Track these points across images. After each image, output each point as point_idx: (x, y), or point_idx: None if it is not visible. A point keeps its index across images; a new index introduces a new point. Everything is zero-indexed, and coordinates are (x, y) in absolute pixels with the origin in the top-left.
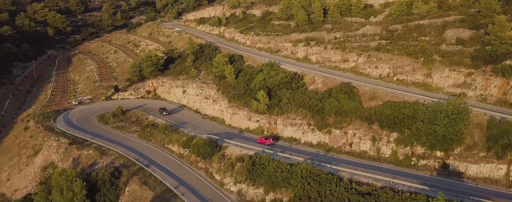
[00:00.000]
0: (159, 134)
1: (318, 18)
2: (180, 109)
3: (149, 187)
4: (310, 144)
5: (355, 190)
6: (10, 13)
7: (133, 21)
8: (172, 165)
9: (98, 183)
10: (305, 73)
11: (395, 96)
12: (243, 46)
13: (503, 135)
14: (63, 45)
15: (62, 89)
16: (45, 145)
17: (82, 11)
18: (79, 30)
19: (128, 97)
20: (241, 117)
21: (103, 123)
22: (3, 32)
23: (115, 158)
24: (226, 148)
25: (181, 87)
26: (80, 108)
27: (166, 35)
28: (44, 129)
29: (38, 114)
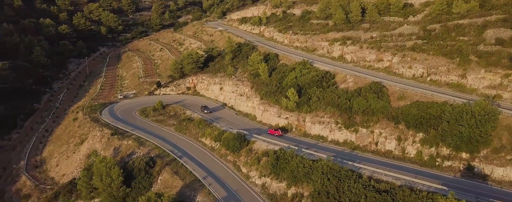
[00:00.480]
0: (193, 128)
1: (356, 17)
2: (221, 107)
3: (180, 177)
4: (336, 142)
5: (373, 187)
6: (68, 13)
7: (180, 20)
8: (203, 157)
9: (134, 171)
10: (337, 72)
11: (425, 97)
12: (281, 45)
13: None
14: (115, 43)
15: (110, 84)
16: (90, 135)
17: (133, 11)
18: (130, 29)
19: (169, 93)
20: (271, 113)
21: (143, 116)
22: (61, 30)
23: (151, 148)
24: (253, 142)
25: (219, 84)
26: (124, 102)
27: (209, 34)
28: (91, 120)
29: (87, 106)
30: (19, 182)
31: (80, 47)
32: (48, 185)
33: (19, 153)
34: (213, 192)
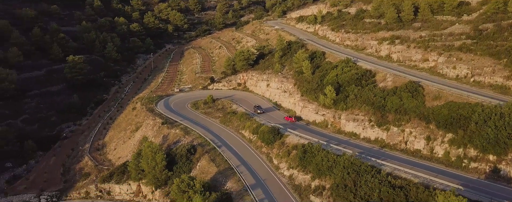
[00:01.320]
0: (236, 120)
1: (407, 16)
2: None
3: (215, 164)
4: (368, 139)
5: (388, 183)
6: (140, 12)
7: (242, 19)
8: (240, 147)
9: (177, 157)
10: (378, 70)
11: (460, 97)
12: (332, 43)
13: None
14: (180, 41)
15: (170, 78)
16: (144, 123)
17: (199, 10)
18: (195, 27)
19: (222, 88)
20: (309, 110)
21: (194, 108)
22: (132, 28)
23: (195, 137)
24: (286, 136)
25: (266, 81)
26: (179, 95)
27: (266, 32)
28: (146, 110)
29: (145, 98)
30: (82, 161)
31: (148, 44)
32: (105, 166)
33: (86, 137)
34: (243, 179)
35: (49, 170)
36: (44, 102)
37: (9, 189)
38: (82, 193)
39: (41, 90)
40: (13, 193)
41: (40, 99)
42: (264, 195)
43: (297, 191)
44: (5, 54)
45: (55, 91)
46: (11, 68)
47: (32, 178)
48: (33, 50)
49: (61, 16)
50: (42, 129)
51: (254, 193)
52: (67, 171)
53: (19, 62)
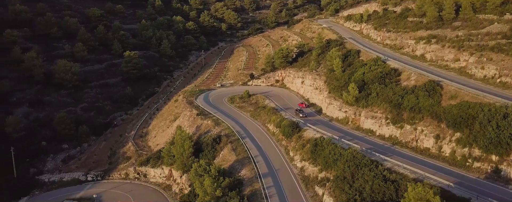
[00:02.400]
0: (264, 115)
1: (448, 15)
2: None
3: (235, 153)
4: (382, 137)
5: (383, 176)
6: (197, 11)
7: (295, 18)
8: (263, 140)
9: (203, 145)
10: (404, 69)
11: (475, 97)
12: (373, 42)
13: None
14: (232, 39)
15: (216, 74)
16: (182, 114)
17: (254, 9)
18: (248, 26)
19: (260, 84)
20: (334, 106)
21: (230, 102)
22: (188, 26)
23: (223, 128)
24: (304, 130)
25: (301, 78)
26: (220, 90)
27: (312, 31)
28: (186, 102)
29: (188, 91)
30: (126, 146)
31: (202, 41)
32: (144, 151)
33: (133, 125)
34: (256, 168)
35: (98, 153)
36: (101, 92)
37: (63, 167)
38: (122, 174)
39: (100, 82)
40: (66, 171)
41: (99, 90)
42: (272, 183)
43: (304, 181)
44: (72, 49)
45: (112, 83)
46: (76, 61)
47: (84, 159)
48: (96, 46)
49: (125, 15)
50: (97, 116)
51: (264, 181)
52: (113, 154)
53: (83, 56)
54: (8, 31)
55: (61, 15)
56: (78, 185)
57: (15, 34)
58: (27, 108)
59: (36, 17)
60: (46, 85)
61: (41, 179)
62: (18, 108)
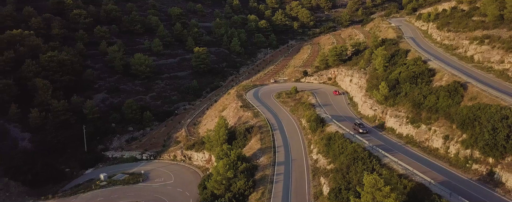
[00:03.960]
0: (301, 109)
1: (509, 14)
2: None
3: (261, 143)
4: (400, 135)
5: (372, 170)
6: (272, 10)
7: (373, 16)
8: (292, 132)
9: (237, 134)
10: (440, 70)
11: (493, 99)
12: (432, 42)
13: None
14: (303, 37)
15: (276, 71)
16: (229, 105)
17: (329, 8)
18: (321, 24)
19: (313, 81)
20: (367, 105)
21: (276, 97)
22: (260, 25)
23: (260, 120)
24: (328, 126)
25: (350, 76)
26: (273, 85)
27: (380, 30)
28: (235, 95)
29: (242, 85)
30: (179, 132)
31: (272, 39)
32: (193, 137)
33: (191, 114)
34: (274, 156)
35: (157, 136)
36: (170, 84)
37: (125, 146)
38: (171, 156)
39: (171, 74)
40: (127, 149)
41: (168, 81)
42: (284, 171)
43: (313, 172)
44: (150, 44)
45: (181, 76)
46: (152, 55)
47: (144, 141)
48: (173, 42)
49: (204, 13)
50: (163, 105)
51: (276, 168)
52: (168, 138)
53: (159, 50)
54: (97, 28)
55: (146, 13)
56: (134, 162)
57: (103, 30)
58: (105, 94)
59: (123, 15)
60: (124, 75)
61: (106, 154)
62: (98, 94)
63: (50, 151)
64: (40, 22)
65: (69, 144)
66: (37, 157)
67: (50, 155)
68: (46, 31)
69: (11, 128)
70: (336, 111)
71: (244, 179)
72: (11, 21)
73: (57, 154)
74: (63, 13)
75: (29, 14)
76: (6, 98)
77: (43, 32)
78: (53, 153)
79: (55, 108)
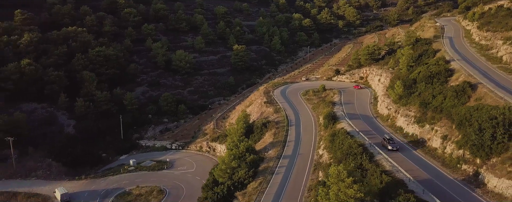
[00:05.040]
0: (322, 107)
1: None
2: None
3: (274, 137)
4: (406, 134)
5: (360, 165)
6: (319, 8)
7: (423, 15)
8: (308, 129)
9: (254, 128)
10: (460, 70)
11: (496, 100)
12: (470, 42)
13: None
14: (347, 36)
15: (312, 69)
16: (255, 101)
17: (379, 7)
18: (368, 23)
19: (344, 80)
20: (384, 104)
21: (302, 95)
22: (304, 23)
23: (279, 116)
24: (339, 123)
25: (379, 76)
26: (303, 83)
27: (423, 29)
28: (262, 92)
29: (273, 83)
30: (208, 125)
31: (314, 38)
32: (219, 130)
33: (223, 109)
34: (282, 150)
35: (189, 128)
36: (208, 80)
37: (158, 136)
38: (198, 147)
39: (210, 70)
40: (159, 139)
41: (207, 77)
42: (287, 164)
43: (315, 166)
44: (193, 42)
45: (220, 73)
46: (194, 52)
47: (176, 132)
48: (215, 40)
49: (249, 12)
50: (199, 99)
51: (281, 161)
52: (198, 130)
53: (201, 48)
54: (145, 25)
55: (193, 12)
56: (163, 151)
57: (150, 28)
58: (146, 87)
59: (170, 14)
60: (166, 70)
61: (140, 143)
62: (140, 87)
63: (91, 137)
64: (94, 20)
65: (108, 131)
66: (78, 142)
67: (90, 140)
68: (98, 28)
69: (59, 115)
70: (356, 109)
71: (245, 169)
72: (69, 19)
73: (97, 140)
74: (116, 11)
75: (85, 12)
76: (57, 89)
77: (95, 29)
78: (93, 139)
79: (98, 98)
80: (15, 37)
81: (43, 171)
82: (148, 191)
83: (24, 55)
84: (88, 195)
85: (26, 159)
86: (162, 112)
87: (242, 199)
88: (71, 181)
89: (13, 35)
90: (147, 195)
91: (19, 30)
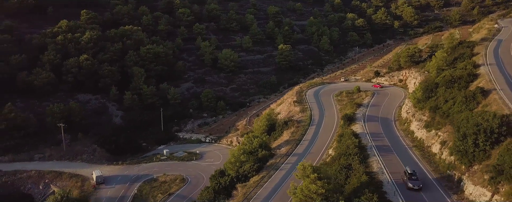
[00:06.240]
0: (349, 108)
1: None
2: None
3: (290, 136)
4: (414, 139)
5: (348, 165)
6: (375, 8)
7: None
8: (328, 129)
9: (276, 126)
10: (484, 75)
11: (501, 108)
12: None
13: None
14: (403, 37)
15: (355, 70)
16: (286, 100)
17: (441, 6)
18: (427, 24)
19: (383, 82)
20: (406, 107)
21: (335, 96)
22: (357, 24)
23: (303, 115)
24: (354, 124)
25: (415, 79)
26: (340, 84)
27: (478, 31)
28: (295, 92)
29: (310, 82)
30: (241, 121)
31: (366, 38)
32: (250, 126)
33: (260, 106)
34: (293, 148)
35: (225, 124)
36: (251, 78)
37: (196, 130)
38: (228, 141)
39: (254, 69)
40: (196, 133)
41: (250, 75)
42: (294, 161)
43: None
44: (241, 41)
45: (264, 71)
46: (242, 51)
47: (213, 127)
48: (263, 39)
49: (302, 12)
50: (239, 96)
51: (288, 158)
52: (232, 126)
53: (248, 47)
54: (196, 25)
55: (245, 12)
56: (197, 143)
57: (201, 27)
58: (191, 83)
59: (222, 14)
60: (212, 68)
61: (178, 135)
62: (186, 83)
63: (135, 127)
64: (150, 19)
65: (151, 123)
66: (123, 131)
67: (134, 130)
68: (153, 27)
69: (110, 105)
70: (380, 111)
71: (251, 163)
72: (128, 18)
73: (140, 130)
74: (172, 11)
75: (143, 12)
76: (109, 82)
77: (151, 28)
78: (137, 129)
79: (144, 92)
80: (78, 34)
81: (88, 155)
82: (173, 178)
83: (84, 51)
84: (121, 179)
85: (75, 143)
86: (202, 107)
87: (241, 190)
88: (109, 165)
89: (76, 33)
90: (170, 182)
91: (82, 28)
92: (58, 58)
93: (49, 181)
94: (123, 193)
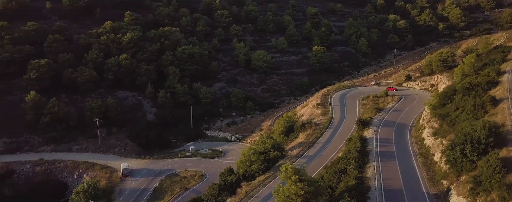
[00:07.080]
0: (370, 112)
1: None
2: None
3: (305, 138)
4: (422, 146)
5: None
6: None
7: None
8: (344, 132)
9: (294, 128)
10: (504, 83)
11: (504, 118)
12: None
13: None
14: (447, 39)
15: (389, 73)
16: (310, 103)
17: (492, 7)
18: (475, 26)
19: (414, 87)
20: (425, 114)
21: (361, 99)
22: (398, 25)
23: (323, 118)
24: (367, 129)
25: (444, 84)
26: (370, 87)
27: None
28: (321, 94)
29: (340, 85)
30: (266, 122)
31: (407, 40)
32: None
33: (288, 108)
34: (304, 151)
35: (252, 124)
36: (283, 79)
37: (223, 128)
38: (252, 141)
39: (287, 70)
40: (224, 131)
41: (282, 76)
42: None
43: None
44: (276, 42)
45: (297, 73)
46: (277, 52)
47: (240, 126)
48: (299, 40)
49: (342, 13)
50: (270, 97)
51: (298, 160)
52: (258, 126)
53: (284, 48)
54: (233, 26)
55: (284, 13)
56: (223, 142)
57: (237, 28)
58: (224, 83)
59: (259, 15)
60: (246, 68)
61: (206, 133)
62: (219, 83)
63: (166, 124)
64: (189, 21)
65: (181, 120)
66: (155, 127)
67: (165, 127)
68: (192, 28)
69: (145, 103)
70: (399, 117)
71: (259, 163)
72: (168, 19)
73: (171, 127)
74: (211, 13)
75: (183, 14)
76: (145, 80)
77: (189, 29)
78: (168, 125)
79: (178, 90)
80: (119, 35)
81: (120, 148)
82: (192, 174)
83: (124, 50)
84: (146, 172)
85: (110, 137)
86: (232, 106)
87: (245, 189)
88: (137, 159)
89: (119, 33)
90: (190, 178)
91: (125, 29)
92: (100, 57)
93: (82, 171)
94: (146, 185)
